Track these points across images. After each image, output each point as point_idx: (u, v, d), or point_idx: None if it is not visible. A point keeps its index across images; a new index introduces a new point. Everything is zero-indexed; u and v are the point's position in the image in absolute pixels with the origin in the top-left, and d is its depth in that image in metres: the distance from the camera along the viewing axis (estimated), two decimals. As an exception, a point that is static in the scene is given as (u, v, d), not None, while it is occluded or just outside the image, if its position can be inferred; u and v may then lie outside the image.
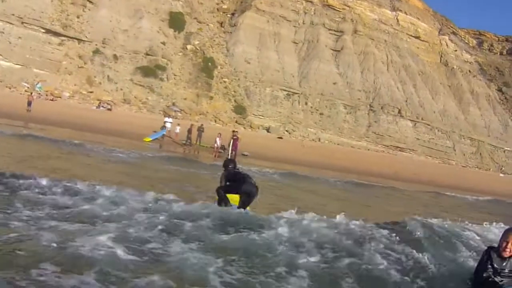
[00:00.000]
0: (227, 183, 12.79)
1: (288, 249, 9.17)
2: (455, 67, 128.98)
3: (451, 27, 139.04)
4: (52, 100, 67.30)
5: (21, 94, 66.07)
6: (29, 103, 51.90)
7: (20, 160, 19.44)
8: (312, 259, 8.87)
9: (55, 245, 7.76)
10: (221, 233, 9.68)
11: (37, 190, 11.79)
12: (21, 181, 12.29)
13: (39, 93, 68.03)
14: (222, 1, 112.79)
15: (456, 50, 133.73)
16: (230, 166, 13.27)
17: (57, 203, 10.81)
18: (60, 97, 71.91)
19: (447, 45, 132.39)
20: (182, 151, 43.75)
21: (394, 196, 32.66)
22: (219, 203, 12.34)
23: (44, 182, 12.46)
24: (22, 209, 9.86)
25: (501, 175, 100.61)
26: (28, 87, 71.83)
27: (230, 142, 41.59)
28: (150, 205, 11.54)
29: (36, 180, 12.63)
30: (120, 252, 7.89)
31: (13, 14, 76.55)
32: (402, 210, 18.36)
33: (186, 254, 8.26)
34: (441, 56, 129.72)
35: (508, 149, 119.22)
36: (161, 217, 10.30)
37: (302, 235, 9.85)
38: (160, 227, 9.69)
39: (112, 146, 31.64)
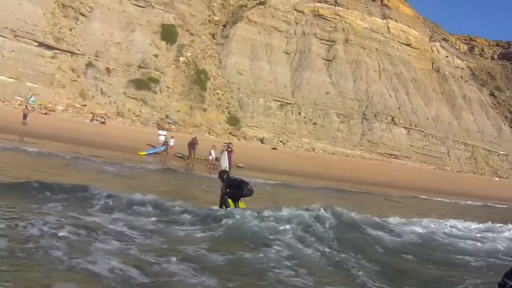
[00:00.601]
0: (227, 190, 15.55)
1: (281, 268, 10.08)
2: (447, 73, 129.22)
3: (442, 33, 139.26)
4: (45, 113, 67.16)
5: (14, 107, 66.00)
6: (25, 116, 52.62)
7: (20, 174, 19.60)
8: (302, 280, 9.40)
9: (66, 260, 8.29)
10: (217, 252, 10.51)
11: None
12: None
13: (33, 107, 67.40)
14: (213, 13, 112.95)
15: (447, 56, 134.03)
16: (225, 177, 15.79)
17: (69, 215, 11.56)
18: (53, 111, 71.70)
19: (438, 51, 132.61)
20: (180, 164, 43.76)
21: (383, 204, 32.85)
22: (221, 206, 15.40)
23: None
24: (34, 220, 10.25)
25: (496, 179, 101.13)
26: (21, 101, 71.66)
27: (221, 154, 41.40)
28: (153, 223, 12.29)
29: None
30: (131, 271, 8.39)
31: (6, 28, 76.51)
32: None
33: (183, 274, 8.61)
34: (433, 62, 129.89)
35: (502, 153, 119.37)
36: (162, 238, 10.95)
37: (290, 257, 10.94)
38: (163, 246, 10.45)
39: (106, 160, 32.16)
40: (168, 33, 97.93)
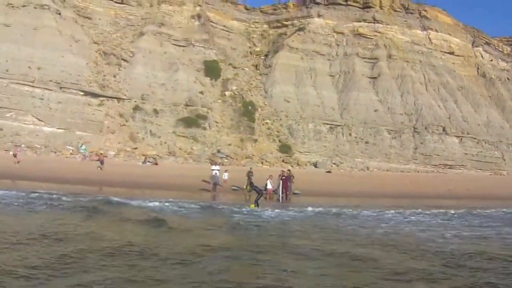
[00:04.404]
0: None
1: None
2: (493, 77, 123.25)
3: (484, 37, 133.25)
4: (97, 160, 65.10)
5: (66, 157, 64.88)
6: (102, 162, 54.14)
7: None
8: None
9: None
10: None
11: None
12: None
13: (84, 155, 66.01)
14: (254, 44, 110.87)
15: (491, 60, 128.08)
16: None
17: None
18: (105, 157, 69.71)
19: (482, 56, 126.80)
20: (236, 197, 40.61)
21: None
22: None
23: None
24: None
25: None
26: (72, 150, 70.09)
27: (279, 183, 38.72)
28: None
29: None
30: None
31: (50, 80, 75.47)
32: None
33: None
34: (478, 68, 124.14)
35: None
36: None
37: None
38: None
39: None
40: (211, 69, 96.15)
